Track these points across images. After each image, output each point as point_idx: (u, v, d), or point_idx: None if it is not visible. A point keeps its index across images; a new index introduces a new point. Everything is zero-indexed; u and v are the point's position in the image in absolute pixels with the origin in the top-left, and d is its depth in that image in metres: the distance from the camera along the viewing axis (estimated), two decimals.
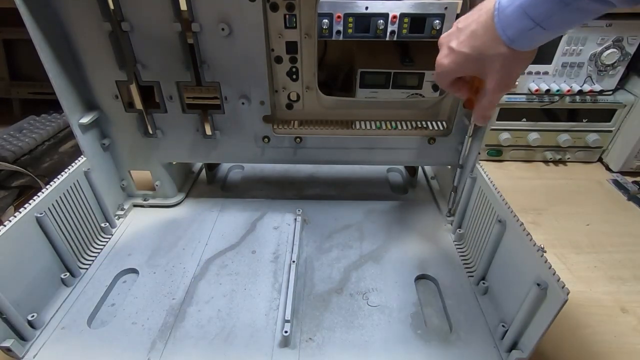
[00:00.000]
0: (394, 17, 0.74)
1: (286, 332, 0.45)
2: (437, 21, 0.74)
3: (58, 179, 0.52)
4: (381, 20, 0.74)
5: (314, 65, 0.56)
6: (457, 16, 0.72)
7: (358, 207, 0.68)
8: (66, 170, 0.54)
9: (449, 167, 0.66)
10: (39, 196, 0.49)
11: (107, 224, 0.61)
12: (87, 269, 0.55)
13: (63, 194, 0.52)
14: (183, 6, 0.50)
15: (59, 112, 0.88)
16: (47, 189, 0.50)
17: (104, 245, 0.59)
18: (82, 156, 0.57)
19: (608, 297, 0.57)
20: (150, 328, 0.48)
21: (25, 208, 0.47)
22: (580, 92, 0.80)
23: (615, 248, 0.66)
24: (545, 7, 0.31)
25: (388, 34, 0.76)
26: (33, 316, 0.46)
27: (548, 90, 0.79)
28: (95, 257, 0.57)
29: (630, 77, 0.83)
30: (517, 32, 0.34)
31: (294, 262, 0.54)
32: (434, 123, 0.62)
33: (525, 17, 0.33)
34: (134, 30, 0.51)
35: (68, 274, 0.52)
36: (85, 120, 0.56)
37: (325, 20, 0.74)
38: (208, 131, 0.61)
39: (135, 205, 0.68)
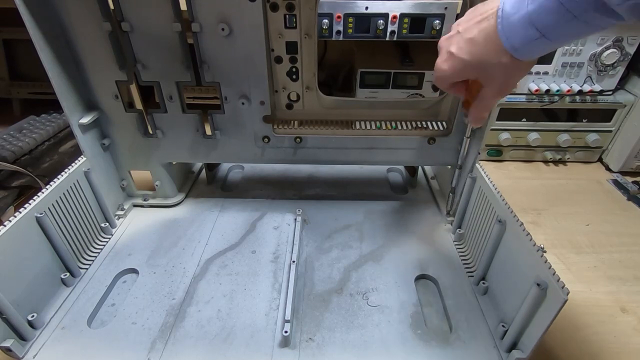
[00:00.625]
0: (394, 17, 0.74)
1: (286, 332, 0.45)
2: (437, 21, 0.74)
3: (58, 179, 0.52)
4: (381, 20, 0.74)
5: (314, 65, 0.56)
6: (457, 16, 0.73)
7: (358, 207, 0.68)
8: (66, 170, 0.54)
9: (449, 167, 0.66)
10: (39, 196, 0.49)
11: (107, 224, 0.61)
12: (87, 269, 0.55)
13: (63, 194, 0.52)
14: (183, 6, 0.50)
15: (59, 112, 0.88)
16: (47, 189, 0.50)
17: (104, 245, 0.59)
18: (82, 156, 0.57)
19: (608, 297, 0.57)
20: (150, 328, 0.48)
21: (25, 208, 0.47)
22: (580, 92, 0.80)
23: (615, 248, 0.66)
24: (553, 18, 0.31)
25: (388, 34, 0.76)
26: (33, 316, 0.46)
27: (548, 90, 0.79)
28: (95, 257, 0.57)
29: (630, 77, 0.83)
30: (521, 41, 0.33)
31: (294, 262, 0.54)
32: (434, 123, 0.62)
33: (530, 27, 0.32)
34: (134, 30, 0.51)
35: (68, 274, 0.52)
36: (85, 120, 0.56)
37: (325, 20, 0.74)
38: (208, 131, 0.61)
39: (135, 205, 0.68)
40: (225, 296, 0.52)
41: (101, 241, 0.60)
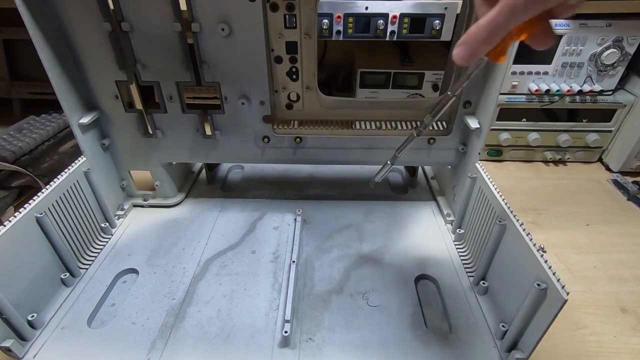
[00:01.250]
0: (394, 17, 0.74)
1: (286, 332, 0.45)
2: (437, 21, 0.74)
3: (58, 179, 0.52)
4: (381, 20, 0.74)
5: (314, 65, 0.56)
6: (457, 16, 0.73)
7: (358, 207, 0.68)
8: (66, 170, 0.54)
9: (449, 167, 0.66)
10: (39, 196, 0.49)
11: (107, 224, 0.61)
12: (87, 269, 0.55)
13: (63, 194, 0.52)
14: (183, 6, 0.50)
15: (59, 112, 0.88)
16: (47, 189, 0.50)
17: (104, 245, 0.59)
18: (82, 156, 0.57)
19: (608, 297, 0.57)
20: (150, 328, 0.48)
21: (25, 208, 0.47)
22: (580, 92, 0.80)
23: (615, 248, 0.66)
24: None
25: (388, 34, 0.76)
26: (33, 316, 0.46)
27: (548, 90, 0.79)
28: (95, 257, 0.57)
29: (630, 77, 0.83)
30: None
31: (293, 262, 0.54)
32: (434, 123, 0.61)
33: None
34: (134, 30, 0.51)
35: (68, 274, 0.52)
36: (85, 120, 0.56)
37: (325, 20, 0.74)
38: (208, 131, 0.61)
39: (135, 205, 0.68)
40: (225, 296, 0.52)
41: (101, 241, 0.60)
